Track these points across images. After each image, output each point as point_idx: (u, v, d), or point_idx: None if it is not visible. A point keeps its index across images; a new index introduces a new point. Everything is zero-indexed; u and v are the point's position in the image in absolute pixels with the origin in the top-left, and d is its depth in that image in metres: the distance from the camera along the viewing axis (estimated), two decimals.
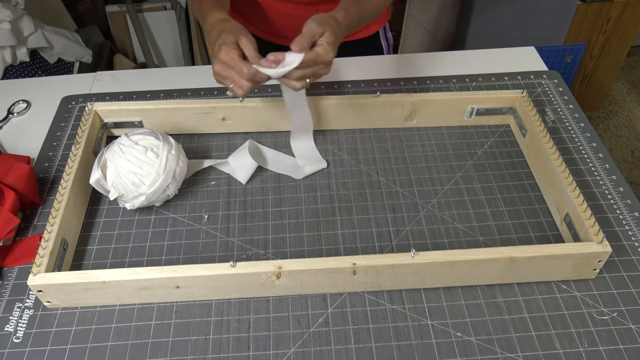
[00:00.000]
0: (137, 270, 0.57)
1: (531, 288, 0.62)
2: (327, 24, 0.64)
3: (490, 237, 0.67)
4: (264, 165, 0.76)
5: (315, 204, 0.71)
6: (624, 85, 2.22)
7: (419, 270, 0.58)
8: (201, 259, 0.65)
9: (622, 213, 0.69)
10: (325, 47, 0.63)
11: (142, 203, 0.66)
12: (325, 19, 0.65)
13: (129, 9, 1.89)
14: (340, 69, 0.91)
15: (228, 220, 0.69)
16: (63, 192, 0.65)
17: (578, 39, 1.78)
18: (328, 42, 0.63)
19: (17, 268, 0.64)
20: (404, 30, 1.84)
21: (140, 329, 0.59)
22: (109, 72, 0.95)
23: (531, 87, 0.88)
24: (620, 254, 0.64)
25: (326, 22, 0.64)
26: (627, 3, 1.70)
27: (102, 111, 0.77)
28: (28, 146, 0.80)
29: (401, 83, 0.89)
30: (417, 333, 0.58)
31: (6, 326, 0.59)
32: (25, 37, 1.37)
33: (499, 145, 0.79)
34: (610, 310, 0.59)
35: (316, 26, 0.63)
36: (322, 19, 0.65)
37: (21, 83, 0.94)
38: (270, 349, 0.57)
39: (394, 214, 0.70)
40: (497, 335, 0.57)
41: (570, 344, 0.57)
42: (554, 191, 0.68)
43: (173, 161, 0.67)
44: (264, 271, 0.57)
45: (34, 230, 0.68)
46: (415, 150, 0.79)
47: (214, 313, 0.60)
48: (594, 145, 0.78)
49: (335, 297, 0.61)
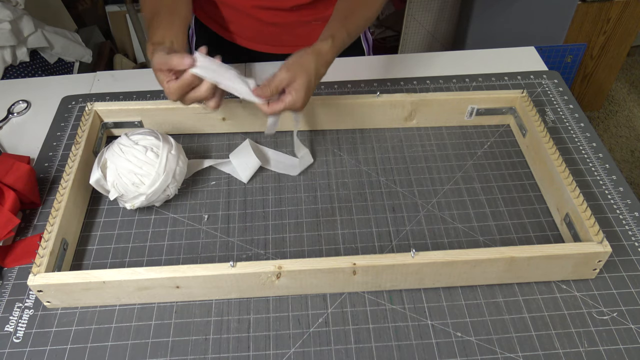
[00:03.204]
0: (137, 270, 0.57)
1: (531, 288, 0.62)
2: (299, 68, 0.62)
3: (490, 237, 0.67)
4: (265, 165, 0.76)
5: (315, 204, 0.71)
6: (624, 85, 2.22)
7: (419, 270, 0.58)
8: (201, 259, 0.65)
9: (622, 213, 0.69)
10: (293, 96, 0.62)
11: (142, 203, 0.66)
12: (298, 62, 0.62)
13: (129, 9, 1.89)
14: (340, 69, 0.91)
15: (228, 220, 0.69)
16: (63, 192, 0.65)
17: (578, 39, 1.78)
18: (298, 89, 0.62)
19: (17, 268, 0.64)
20: (404, 30, 1.84)
21: (140, 329, 0.59)
22: (109, 72, 0.95)
23: (531, 87, 0.88)
24: (620, 254, 0.64)
25: (298, 66, 0.62)
26: (627, 3, 1.70)
27: (102, 111, 0.77)
28: (28, 146, 0.80)
29: (401, 83, 0.89)
30: (417, 333, 0.58)
31: (6, 326, 0.59)
32: (25, 37, 1.37)
33: (499, 145, 0.79)
34: (610, 310, 0.59)
35: (285, 73, 0.61)
36: (295, 62, 0.62)
37: (21, 83, 0.94)
38: (270, 349, 0.57)
39: (394, 214, 0.70)
40: (497, 335, 0.57)
41: (570, 344, 0.57)
42: (554, 191, 0.68)
43: (173, 161, 0.67)
44: (264, 271, 0.57)
45: (34, 230, 0.68)
46: (415, 150, 0.79)
47: (214, 313, 0.60)
48: (594, 145, 0.78)
49: (335, 297, 0.61)
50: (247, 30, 0.94)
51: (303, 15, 0.89)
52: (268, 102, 0.63)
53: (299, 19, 0.90)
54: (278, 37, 0.94)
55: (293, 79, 0.62)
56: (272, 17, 0.90)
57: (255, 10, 0.89)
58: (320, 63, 0.64)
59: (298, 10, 0.88)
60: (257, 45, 0.96)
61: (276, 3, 0.87)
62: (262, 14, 0.89)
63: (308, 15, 0.89)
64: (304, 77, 0.62)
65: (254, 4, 0.88)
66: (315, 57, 0.64)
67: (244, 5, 0.89)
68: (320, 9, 0.89)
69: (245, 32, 0.95)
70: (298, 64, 0.62)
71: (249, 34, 0.95)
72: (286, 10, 0.88)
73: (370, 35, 1.05)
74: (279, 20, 0.90)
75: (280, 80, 0.62)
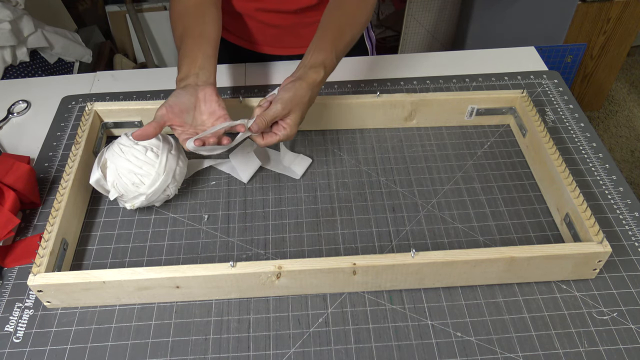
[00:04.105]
0: (137, 270, 0.57)
1: (531, 288, 0.62)
2: (294, 104, 0.63)
3: (490, 237, 0.67)
4: (265, 165, 0.76)
5: (315, 204, 0.71)
6: (624, 85, 2.22)
7: (419, 270, 0.58)
8: (201, 259, 0.65)
9: (622, 213, 0.69)
10: (287, 131, 0.64)
11: (142, 203, 0.66)
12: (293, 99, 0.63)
13: (129, 9, 1.89)
14: (340, 70, 0.91)
15: (228, 220, 0.69)
16: (63, 192, 0.65)
17: (578, 39, 1.78)
18: (291, 124, 0.64)
19: (17, 268, 0.64)
20: (404, 30, 1.84)
21: (140, 329, 0.59)
22: (109, 72, 0.95)
23: (531, 87, 0.88)
24: (620, 254, 0.64)
25: (293, 103, 0.63)
26: (627, 3, 1.70)
27: (102, 111, 0.77)
28: (28, 146, 0.80)
29: (401, 83, 0.89)
30: (417, 333, 0.58)
31: (6, 326, 0.59)
32: (25, 37, 1.37)
33: (499, 145, 0.79)
34: (610, 310, 0.59)
35: (281, 109, 0.63)
36: (290, 99, 0.63)
37: (21, 83, 0.94)
38: (270, 349, 0.57)
39: (394, 214, 0.70)
40: (497, 335, 0.57)
41: (570, 344, 0.57)
42: (554, 191, 0.68)
43: (173, 161, 0.67)
44: (264, 271, 0.57)
45: (34, 230, 0.68)
46: (415, 150, 0.79)
47: (214, 313, 0.60)
48: (594, 145, 0.78)
49: (335, 297, 0.61)
50: (250, 32, 0.94)
51: (305, 17, 0.89)
52: (262, 135, 0.65)
53: (302, 21, 0.90)
54: (280, 38, 0.94)
55: (287, 114, 0.64)
56: (275, 20, 0.90)
57: (258, 13, 0.89)
58: (313, 93, 0.66)
59: (301, 13, 0.88)
60: (259, 47, 0.96)
61: (279, 6, 0.87)
62: (264, 16, 0.90)
63: (310, 17, 0.89)
64: (298, 112, 0.64)
65: (257, 6, 0.88)
66: (310, 90, 0.65)
67: (247, 8, 0.89)
68: (322, 10, 0.89)
69: (247, 34, 0.95)
70: (293, 101, 0.63)
71: (251, 36, 0.95)
72: (289, 12, 0.88)
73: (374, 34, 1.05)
74: (281, 23, 0.90)
75: (275, 114, 0.63)
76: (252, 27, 0.93)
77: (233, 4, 0.89)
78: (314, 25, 0.91)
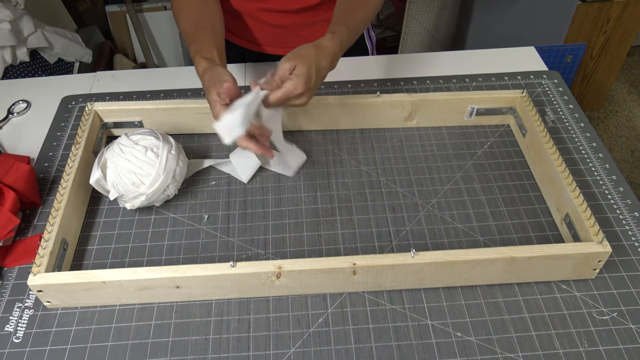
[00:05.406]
0: (137, 270, 0.57)
1: (531, 288, 0.62)
2: (298, 57, 0.63)
3: (490, 237, 0.67)
4: (265, 165, 0.76)
5: (315, 204, 0.71)
6: (624, 85, 2.22)
7: (419, 270, 0.58)
8: (201, 259, 0.65)
9: (622, 213, 0.69)
10: (293, 81, 0.62)
11: (142, 203, 0.66)
12: (297, 52, 0.64)
13: (129, 9, 1.89)
14: (340, 70, 0.91)
15: (228, 220, 0.69)
16: (63, 192, 0.65)
17: (578, 39, 1.78)
18: (298, 74, 0.62)
19: (17, 268, 0.64)
20: (404, 30, 1.84)
21: (140, 329, 0.59)
22: (109, 72, 0.95)
23: (531, 87, 0.88)
24: (620, 254, 0.64)
25: (297, 56, 0.63)
26: (627, 3, 1.70)
27: (102, 111, 0.77)
28: (28, 146, 0.80)
29: (401, 83, 0.89)
30: (417, 333, 0.58)
31: (6, 326, 0.59)
32: (25, 37, 1.37)
33: (499, 145, 0.79)
34: (610, 310, 0.59)
35: (285, 63, 0.62)
36: (294, 53, 0.64)
37: (21, 83, 0.94)
38: (270, 349, 0.57)
39: (394, 214, 0.70)
40: (497, 335, 0.57)
41: (570, 344, 0.57)
42: (554, 191, 0.68)
43: (173, 161, 0.67)
44: (264, 271, 0.57)
45: (34, 230, 0.68)
46: (415, 150, 0.79)
47: (214, 313, 0.60)
48: (594, 145, 0.78)
49: (335, 297, 0.61)
50: (251, 32, 0.94)
51: (307, 16, 0.89)
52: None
53: (304, 21, 0.90)
54: (282, 38, 0.94)
55: (292, 67, 0.63)
56: (277, 20, 0.90)
57: (260, 12, 0.89)
58: (320, 54, 0.64)
59: (303, 12, 0.88)
60: (261, 47, 0.96)
61: (281, 6, 0.87)
62: (266, 16, 0.90)
63: (312, 16, 0.89)
64: (304, 65, 0.63)
65: (259, 6, 0.88)
66: (315, 49, 0.64)
67: (249, 8, 0.89)
68: (324, 10, 0.89)
69: (248, 33, 0.95)
70: (297, 54, 0.63)
71: (253, 36, 0.95)
72: (291, 12, 0.88)
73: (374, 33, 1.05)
74: (283, 22, 0.90)
75: (282, 70, 0.62)
76: (254, 27, 0.93)
77: (234, 4, 0.89)
78: (315, 25, 0.91)
